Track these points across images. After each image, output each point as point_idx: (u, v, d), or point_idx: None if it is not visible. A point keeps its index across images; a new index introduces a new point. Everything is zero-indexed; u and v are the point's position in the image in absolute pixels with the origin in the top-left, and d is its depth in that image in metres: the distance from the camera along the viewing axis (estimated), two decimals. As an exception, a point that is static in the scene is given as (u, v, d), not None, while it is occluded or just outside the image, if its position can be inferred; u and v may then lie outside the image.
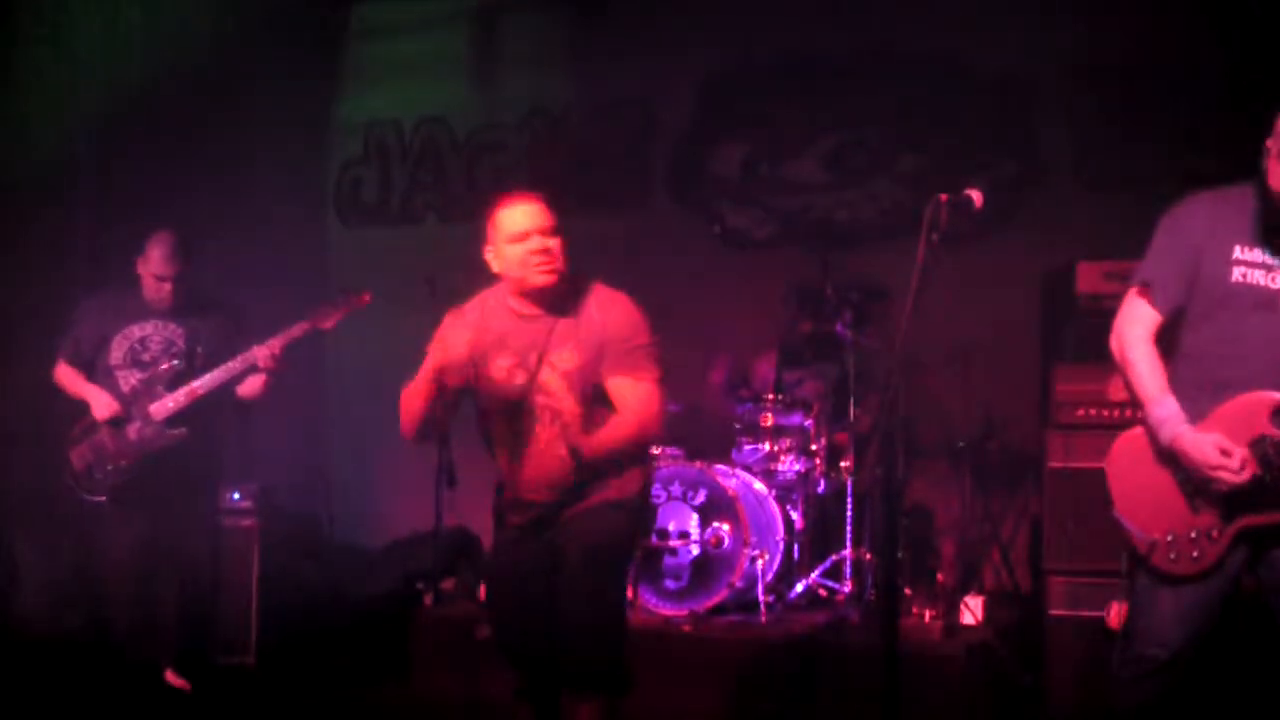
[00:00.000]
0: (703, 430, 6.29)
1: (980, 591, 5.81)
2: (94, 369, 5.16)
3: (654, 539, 5.61)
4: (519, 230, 3.61)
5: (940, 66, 6.85)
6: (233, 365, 5.07)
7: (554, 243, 3.62)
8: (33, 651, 5.96)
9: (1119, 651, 3.40)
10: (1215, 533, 3.19)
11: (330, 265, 8.21)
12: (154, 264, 5.13)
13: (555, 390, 3.64)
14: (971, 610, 5.49)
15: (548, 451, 3.65)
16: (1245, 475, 3.13)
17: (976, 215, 3.21)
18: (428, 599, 6.22)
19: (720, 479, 5.67)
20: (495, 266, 3.71)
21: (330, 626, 6.20)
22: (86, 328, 5.21)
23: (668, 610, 5.58)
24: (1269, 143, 3.18)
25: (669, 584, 5.63)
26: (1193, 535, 3.21)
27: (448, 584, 6.31)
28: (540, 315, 3.68)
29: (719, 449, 6.13)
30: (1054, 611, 4.86)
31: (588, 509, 3.65)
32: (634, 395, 3.63)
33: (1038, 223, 6.46)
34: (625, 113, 7.63)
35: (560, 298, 3.67)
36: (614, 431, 3.63)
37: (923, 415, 6.35)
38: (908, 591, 5.88)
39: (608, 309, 3.68)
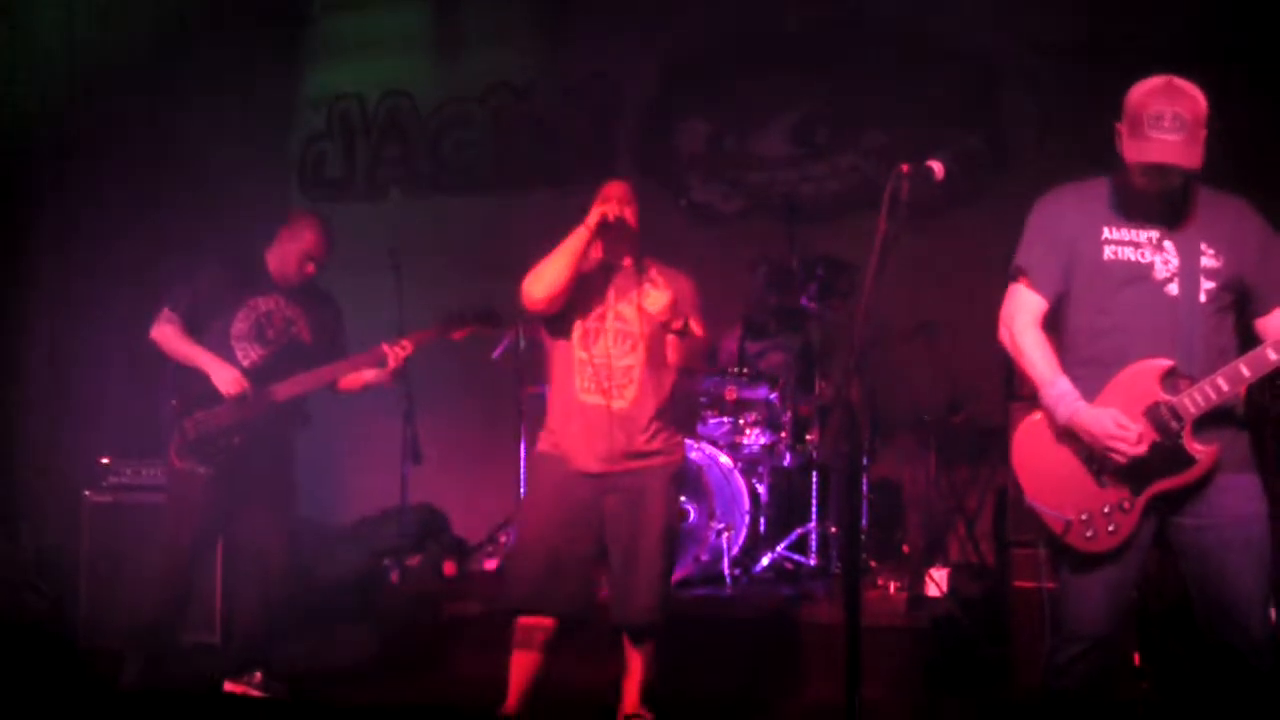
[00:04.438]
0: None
1: (945, 564, 5.84)
2: (202, 334, 4.83)
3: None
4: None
5: (906, 41, 6.86)
6: (361, 358, 4.88)
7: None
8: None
9: (1050, 637, 3.43)
10: (1127, 504, 3.24)
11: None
12: (311, 245, 4.88)
13: (633, 339, 4.26)
14: (936, 582, 5.51)
15: (623, 407, 4.21)
16: (1144, 445, 3.18)
17: (938, 186, 3.22)
18: (394, 576, 6.21)
19: (686, 453, 5.65)
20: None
21: (296, 604, 6.16)
22: (207, 291, 4.86)
23: (634, 585, 5.58)
24: (1119, 126, 3.26)
25: (635, 558, 5.62)
26: (1105, 510, 3.26)
27: (414, 561, 6.29)
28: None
29: (684, 422, 6.11)
30: (1018, 583, 4.88)
31: (653, 480, 4.24)
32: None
33: (1003, 197, 6.45)
34: (590, 87, 7.60)
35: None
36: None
37: (889, 389, 6.36)
38: (873, 564, 5.92)
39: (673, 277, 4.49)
